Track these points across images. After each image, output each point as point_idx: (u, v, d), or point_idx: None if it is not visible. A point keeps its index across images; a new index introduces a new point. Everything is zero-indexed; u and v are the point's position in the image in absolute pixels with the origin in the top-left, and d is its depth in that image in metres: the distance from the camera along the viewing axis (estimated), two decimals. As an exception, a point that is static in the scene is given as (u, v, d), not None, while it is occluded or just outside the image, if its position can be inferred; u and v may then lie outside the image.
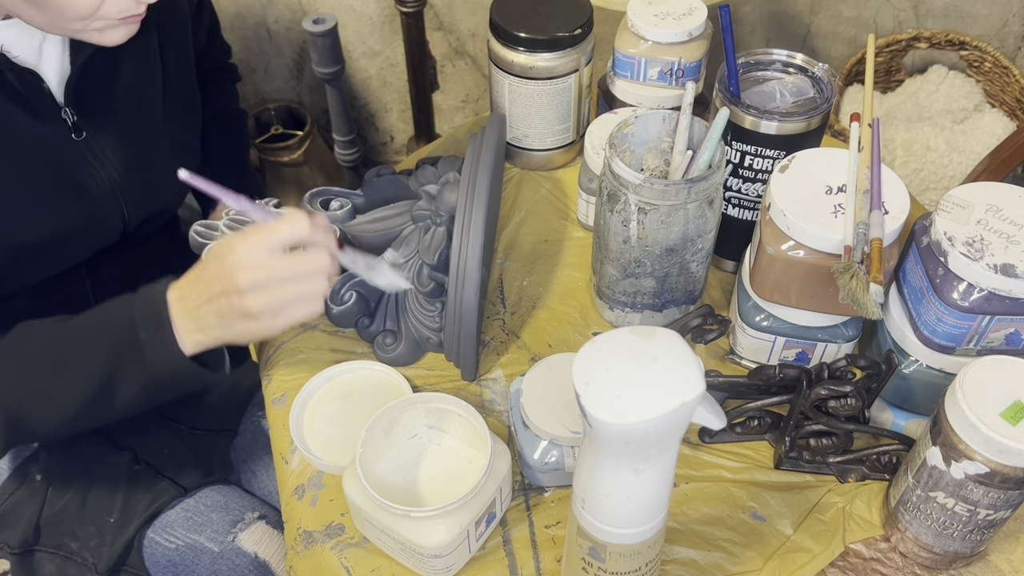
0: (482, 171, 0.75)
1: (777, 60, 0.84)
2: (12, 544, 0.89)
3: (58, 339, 0.73)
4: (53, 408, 0.74)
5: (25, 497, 0.91)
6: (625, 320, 0.85)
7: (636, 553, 0.58)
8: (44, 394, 0.73)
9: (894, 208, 0.71)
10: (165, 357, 0.70)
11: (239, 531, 0.91)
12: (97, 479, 0.91)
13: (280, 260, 0.67)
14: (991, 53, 1.69)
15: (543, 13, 0.92)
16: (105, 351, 0.71)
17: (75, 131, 0.80)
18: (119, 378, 0.71)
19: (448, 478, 0.71)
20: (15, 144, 0.76)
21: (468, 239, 0.73)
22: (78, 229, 0.82)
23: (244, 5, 1.76)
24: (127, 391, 0.72)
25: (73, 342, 0.73)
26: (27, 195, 0.78)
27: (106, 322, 0.72)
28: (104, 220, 0.85)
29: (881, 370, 0.70)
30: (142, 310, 0.71)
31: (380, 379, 0.81)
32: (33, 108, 0.77)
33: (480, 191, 0.74)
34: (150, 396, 0.73)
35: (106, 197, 0.84)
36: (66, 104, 0.79)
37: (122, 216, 0.86)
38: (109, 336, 0.71)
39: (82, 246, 0.85)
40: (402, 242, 0.81)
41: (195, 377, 0.72)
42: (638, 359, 0.50)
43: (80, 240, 0.84)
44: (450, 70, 1.87)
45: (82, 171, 0.81)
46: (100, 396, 0.72)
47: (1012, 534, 0.72)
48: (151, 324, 0.70)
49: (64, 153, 0.80)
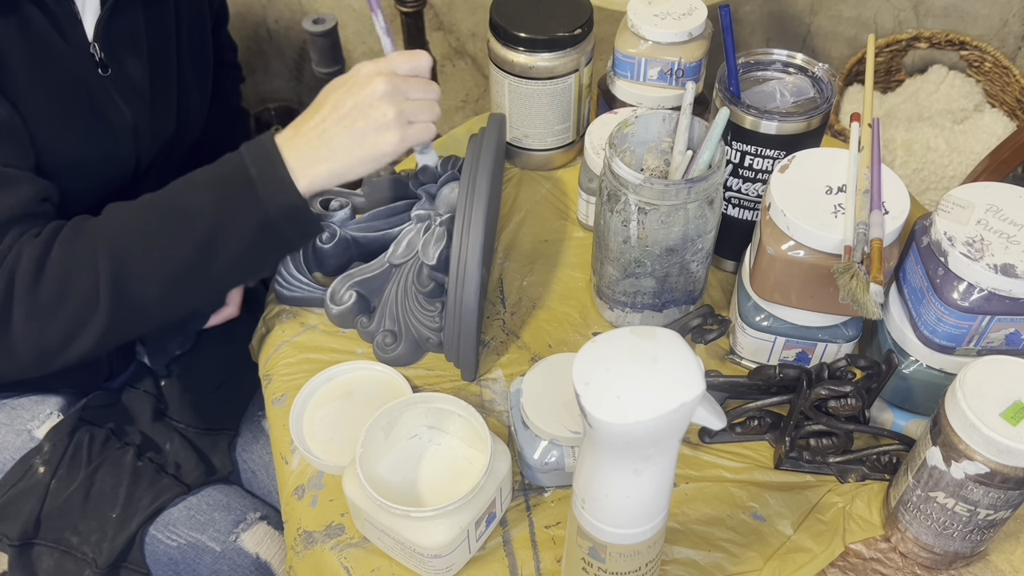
0: (482, 171, 0.75)
1: (777, 60, 0.84)
2: (11, 536, 0.88)
3: (167, 193, 0.75)
4: (159, 261, 0.72)
5: (27, 489, 0.91)
6: (625, 320, 0.85)
7: (636, 553, 0.58)
8: (151, 245, 0.73)
9: (894, 208, 0.70)
10: (277, 191, 0.72)
11: (241, 531, 0.91)
12: (100, 473, 0.91)
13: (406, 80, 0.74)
14: (991, 53, 1.69)
15: (543, 13, 0.92)
16: (214, 195, 0.73)
17: (102, 67, 0.83)
18: (228, 224, 0.72)
19: (448, 478, 0.71)
20: (50, 65, 0.79)
21: (468, 239, 0.73)
22: (96, 159, 0.85)
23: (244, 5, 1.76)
24: (235, 242, 0.73)
25: (181, 192, 0.74)
26: (54, 118, 0.80)
27: (216, 169, 0.75)
28: (121, 155, 0.88)
29: (881, 370, 0.70)
30: (252, 151, 0.73)
31: (380, 379, 0.81)
32: (68, 37, 0.80)
33: (480, 191, 0.74)
34: (258, 250, 0.74)
35: (125, 134, 0.87)
36: (95, 40, 0.82)
37: (136, 153, 0.89)
38: (219, 180, 0.74)
39: (96, 179, 0.87)
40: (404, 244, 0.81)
41: (308, 218, 0.75)
42: (638, 359, 0.50)
43: (95, 172, 0.86)
44: (450, 70, 1.87)
45: (106, 105, 0.84)
46: (208, 247, 0.72)
47: (1012, 534, 0.72)
48: (262, 161, 0.73)
49: (92, 85, 0.83)
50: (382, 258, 0.81)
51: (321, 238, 0.82)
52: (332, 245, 0.82)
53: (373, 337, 0.83)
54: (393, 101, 0.73)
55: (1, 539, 0.89)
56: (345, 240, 0.83)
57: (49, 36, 0.78)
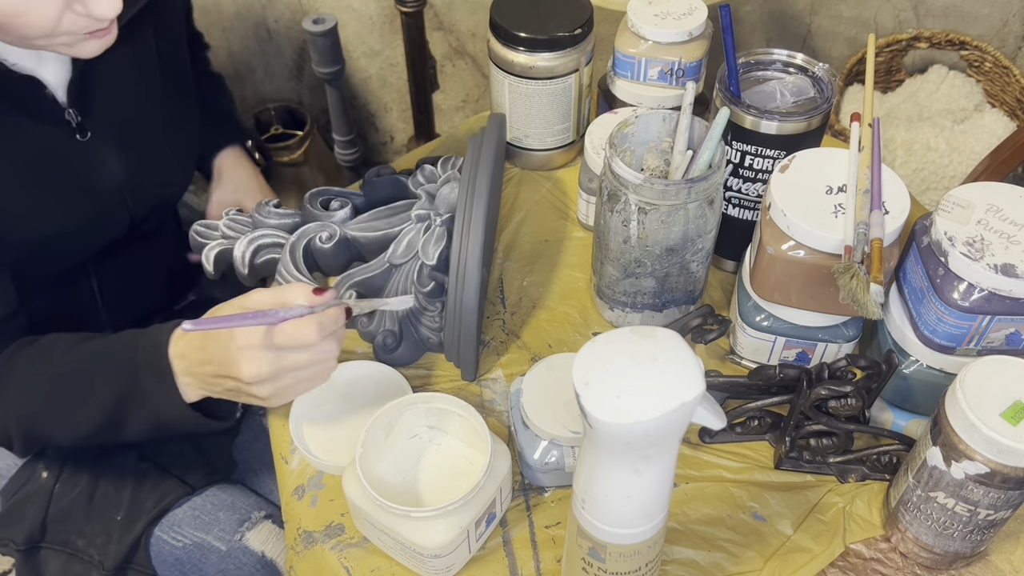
0: (482, 171, 0.75)
1: (777, 60, 0.84)
2: (18, 540, 0.89)
3: (74, 363, 0.75)
4: (67, 429, 0.76)
5: (31, 494, 0.91)
6: (625, 320, 0.85)
7: (636, 553, 0.58)
8: (58, 417, 0.76)
9: (894, 208, 0.70)
10: (167, 404, 0.72)
11: (246, 530, 0.91)
12: (104, 476, 0.92)
13: (287, 356, 0.67)
14: (991, 53, 1.69)
15: (543, 13, 0.92)
16: (112, 386, 0.73)
17: (79, 132, 0.81)
18: (127, 414, 0.74)
19: (448, 478, 0.71)
20: (20, 149, 0.76)
21: (468, 239, 0.73)
22: (87, 226, 0.84)
23: (244, 5, 1.76)
24: (135, 426, 0.74)
25: (86, 369, 0.75)
26: (35, 198, 0.78)
27: (115, 356, 0.74)
28: (112, 216, 0.86)
29: (881, 370, 0.70)
30: (144, 354, 0.72)
31: (380, 379, 0.81)
32: (35, 113, 0.77)
33: (480, 191, 0.74)
34: (159, 433, 0.75)
35: (113, 194, 0.85)
36: (69, 105, 0.79)
37: (128, 211, 0.87)
38: (115, 374, 0.73)
39: (90, 242, 0.86)
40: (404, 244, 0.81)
41: (201, 425, 0.74)
42: (638, 359, 0.50)
43: (88, 237, 0.85)
44: (450, 70, 1.87)
45: (89, 170, 0.82)
46: (110, 426, 0.74)
47: (1012, 534, 0.72)
48: (151, 370, 0.71)
49: (70, 154, 0.80)
50: (382, 258, 0.81)
51: (320, 237, 0.82)
52: (332, 245, 0.81)
53: (373, 337, 0.83)
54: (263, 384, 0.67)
55: (7, 543, 0.89)
56: (345, 240, 0.82)
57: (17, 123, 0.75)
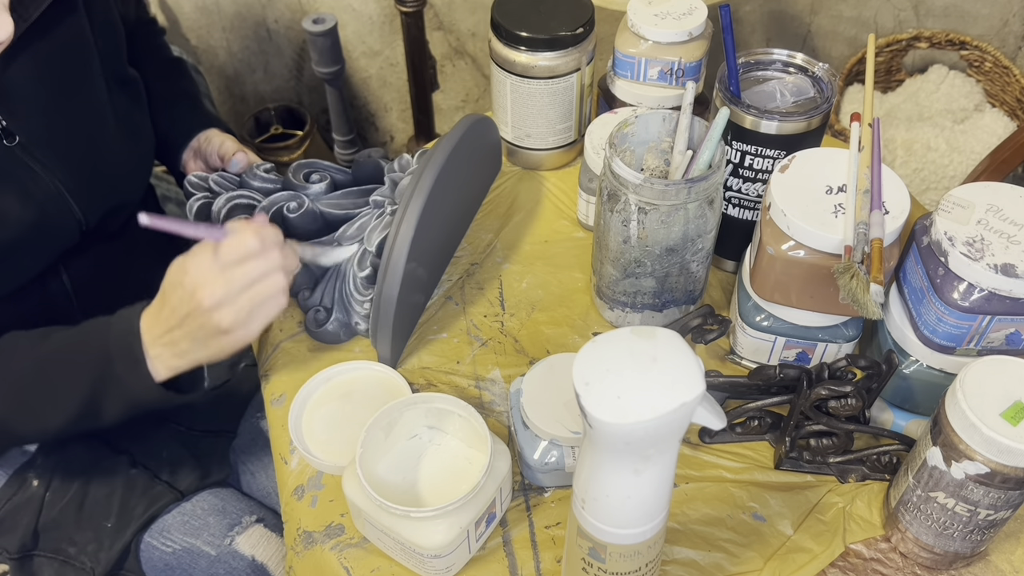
0: (430, 168, 0.76)
1: (777, 60, 0.84)
2: (11, 549, 0.89)
3: (40, 361, 0.74)
4: (40, 423, 0.76)
5: (22, 502, 0.91)
6: (625, 320, 0.85)
7: (636, 553, 0.58)
8: (30, 411, 0.75)
9: (894, 208, 0.70)
10: (141, 388, 0.72)
11: (236, 534, 0.91)
12: (94, 483, 0.92)
13: (235, 271, 0.67)
14: (991, 53, 1.69)
15: (544, 12, 0.92)
16: (85, 378, 0.73)
17: (6, 137, 0.76)
18: (102, 400, 0.73)
19: (448, 478, 0.71)
20: None
21: (398, 232, 0.75)
22: (30, 236, 0.79)
23: (244, 5, 1.76)
24: (111, 411, 0.74)
25: (54, 365, 0.74)
26: None
27: (84, 349, 0.73)
28: (56, 223, 0.81)
29: (881, 370, 0.70)
30: (117, 343, 0.72)
31: (380, 379, 0.81)
32: None
33: (422, 187, 0.75)
34: (136, 413, 0.75)
35: (53, 200, 0.80)
36: None
37: (75, 217, 0.83)
38: (87, 365, 0.73)
39: (41, 251, 0.82)
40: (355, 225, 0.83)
41: (172, 401, 0.74)
42: (638, 359, 0.50)
43: (36, 246, 0.81)
44: (450, 70, 1.87)
45: (21, 177, 0.77)
46: (85, 415, 0.74)
47: (1012, 534, 0.72)
48: (125, 357, 0.71)
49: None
50: (333, 235, 0.82)
51: (289, 207, 0.83)
52: (298, 215, 0.83)
53: (306, 310, 0.84)
54: (222, 307, 0.67)
55: (1, 552, 0.89)
56: (312, 212, 0.84)
57: None
